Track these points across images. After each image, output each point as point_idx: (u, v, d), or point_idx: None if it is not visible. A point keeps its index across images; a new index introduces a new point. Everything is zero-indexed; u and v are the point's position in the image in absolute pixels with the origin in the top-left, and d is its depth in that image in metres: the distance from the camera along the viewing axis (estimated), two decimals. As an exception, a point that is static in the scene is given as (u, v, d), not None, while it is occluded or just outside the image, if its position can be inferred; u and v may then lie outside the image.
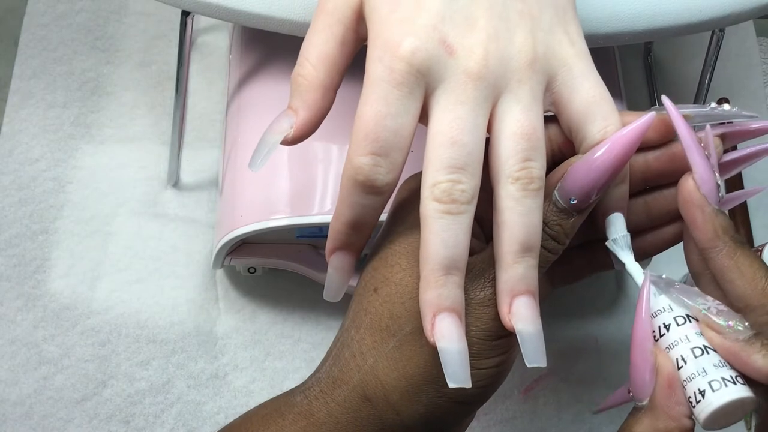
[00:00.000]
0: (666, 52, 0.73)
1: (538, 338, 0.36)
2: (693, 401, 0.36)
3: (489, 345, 0.37)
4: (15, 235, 0.64)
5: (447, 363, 0.35)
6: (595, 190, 0.37)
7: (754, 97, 0.73)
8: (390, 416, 0.38)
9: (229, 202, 0.57)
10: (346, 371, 0.39)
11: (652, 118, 0.37)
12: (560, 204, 0.38)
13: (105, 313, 0.62)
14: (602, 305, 0.65)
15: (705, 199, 0.37)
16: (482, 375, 0.38)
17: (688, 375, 0.36)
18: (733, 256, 0.37)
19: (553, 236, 0.38)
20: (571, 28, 0.39)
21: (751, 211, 0.69)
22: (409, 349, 0.37)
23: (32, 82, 0.70)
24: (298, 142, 0.40)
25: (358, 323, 0.39)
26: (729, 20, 0.52)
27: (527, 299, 0.36)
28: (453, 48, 0.36)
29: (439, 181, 0.36)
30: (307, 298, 0.64)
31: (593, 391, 0.62)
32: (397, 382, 0.37)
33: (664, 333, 0.37)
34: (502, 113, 0.37)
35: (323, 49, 0.39)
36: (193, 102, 0.69)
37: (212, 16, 0.52)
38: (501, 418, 0.60)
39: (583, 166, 0.37)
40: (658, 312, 0.38)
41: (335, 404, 0.38)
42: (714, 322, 0.36)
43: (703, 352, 0.36)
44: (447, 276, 0.36)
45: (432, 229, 0.36)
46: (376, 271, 0.39)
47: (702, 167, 0.38)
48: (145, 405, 0.60)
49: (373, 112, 0.36)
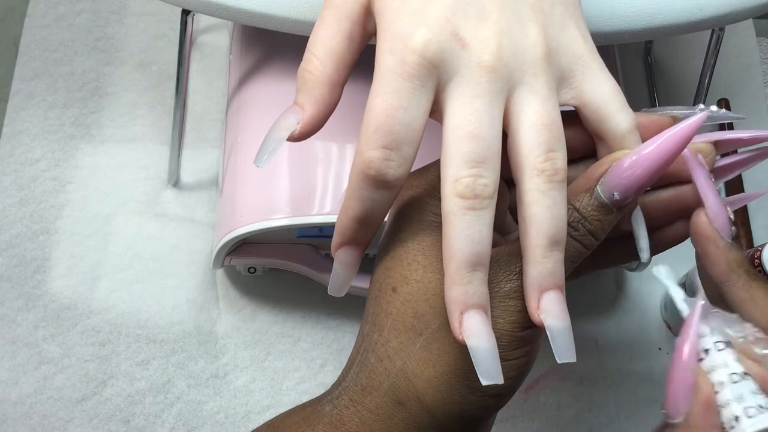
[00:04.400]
0: (666, 52, 0.73)
1: (567, 333, 0.36)
2: (726, 426, 0.37)
3: (517, 336, 0.37)
4: (16, 236, 0.64)
5: (478, 360, 0.35)
6: (641, 187, 0.37)
7: (754, 97, 0.73)
8: (425, 419, 0.37)
9: (230, 202, 0.57)
10: (374, 377, 0.38)
11: (704, 117, 0.37)
12: (602, 199, 0.37)
13: (105, 313, 0.62)
14: (602, 305, 0.65)
15: (718, 233, 0.38)
16: (512, 366, 0.37)
17: (725, 400, 0.37)
18: (748, 289, 0.38)
19: (592, 232, 0.38)
20: (581, 24, 0.39)
21: (751, 213, 0.69)
22: (437, 347, 0.37)
23: (33, 83, 0.70)
24: (304, 138, 0.40)
25: (381, 326, 0.38)
26: (729, 19, 0.52)
27: (556, 294, 0.36)
28: (466, 41, 0.36)
29: (462, 177, 0.35)
30: (308, 298, 0.63)
31: (593, 390, 0.62)
32: (429, 382, 0.37)
33: (702, 357, 0.38)
34: (519, 105, 0.37)
35: (330, 44, 0.39)
36: (193, 102, 0.69)
37: (212, 14, 0.52)
38: (502, 416, 0.60)
39: (631, 162, 0.36)
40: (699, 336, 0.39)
41: (367, 412, 0.38)
42: (751, 350, 0.37)
43: (741, 379, 0.37)
44: (473, 273, 0.35)
45: (457, 226, 0.35)
46: (391, 270, 0.39)
47: (714, 202, 0.38)
48: (146, 405, 0.60)
49: (384, 105, 0.36)
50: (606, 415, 0.61)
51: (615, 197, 0.37)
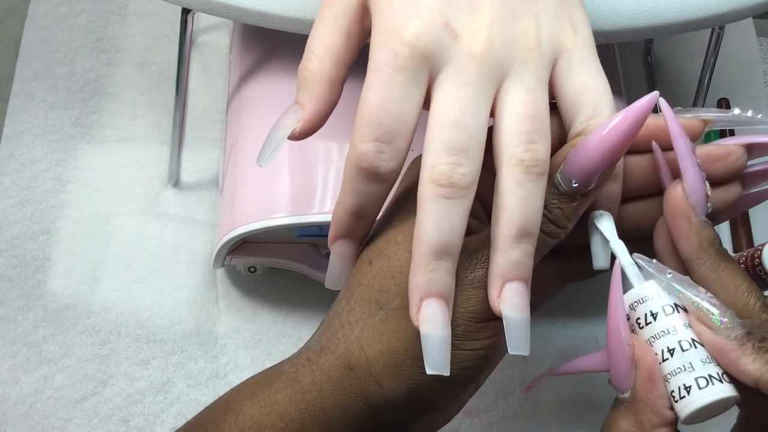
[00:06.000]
0: (666, 52, 0.73)
1: (524, 326, 0.36)
2: (676, 396, 0.35)
3: (475, 327, 0.37)
4: (16, 236, 0.64)
5: (427, 349, 0.35)
6: (596, 173, 0.36)
7: (754, 97, 0.73)
8: (372, 387, 0.38)
9: (230, 201, 0.57)
10: (333, 340, 0.38)
11: (655, 97, 0.36)
12: (562, 187, 0.37)
13: (105, 313, 0.62)
14: (602, 305, 0.64)
15: (693, 209, 0.37)
16: (467, 356, 0.37)
17: (674, 369, 0.35)
18: (716, 269, 0.37)
19: (553, 220, 0.37)
20: (576, 16, 0.39)
21: (751, 211, 0.69)
22: (394, 324, 0.37)
23: (33, 83, 0.70)
24: (306, 137, 0.40)
25: (350, 294, 0.39)
26: (729, 17, 0.52)
27: (519, 286, 0.36)
28: (457, 31, 0.36)
29: (439, 163, 0.35)
30: (308, 297, 0.63)
31: (593, 389, 0.62)
32: (380, 354, 0.37)
33: (650, 321, 0.36)
34: (505, 95, 0.37)
35: (329, 42, 0.39)
36: (194, 102, 0.69)
37: (213, 13, 0.52)
38: (502, 415, 0.60)
39: (584, 147, 0.36)
40: (644, 299, 0.37)
41: (320, 372, 0.38)
42: (707, 317, 0.35)
43: (691, 346, 0.35)
44: (438, 261, 0.35)
45: (427, 212, 0.35)
46: (371, 244, 0.39)
47: (693, 176, 0.37)
48: (145, 404, 0.60)
49: (377, 98, 0.36)
50: (606, 414, 0.61)
51: (574, 184, 0.36)
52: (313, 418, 0.38)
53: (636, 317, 0.37)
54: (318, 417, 0.38)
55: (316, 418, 0.38)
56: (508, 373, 0.61)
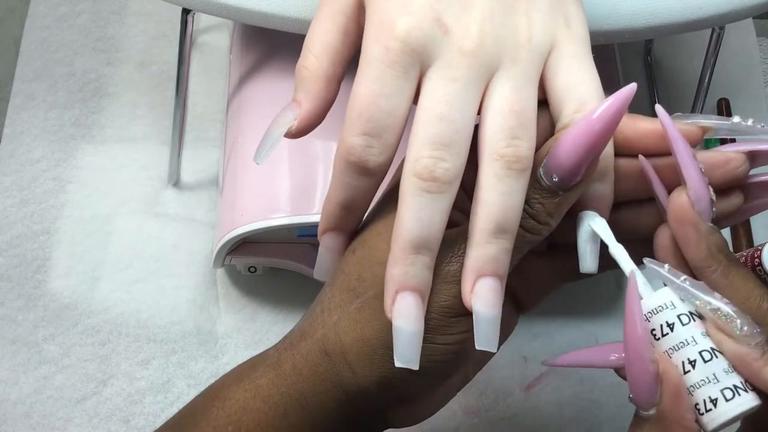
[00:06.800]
0: (666, 52, 0.73)
1: (493, 323, 0.35)
2: (702, 409, 0.34)
3: (447, 321, 0.37)
4: (16, 236, 0.64)
5: (398, 342, 0.35)
6: (577, 167, 0.35)
7: (754, 97, 0.73)
8: (346, 374, 0.38)
9: (230, 201, 0.57)
10: (313, 325, 0.39)
11: (633, 88, 0.35)
12: (544, 182, 0.36)
13: (105, 313, 0.62)
14: (602, 305, 0.65)
15: (700, 217, 0.36)
16: (439, 350, 0.37)
17: (697, 381, 0.34)
18: (727, 276, 0.36)
19: (533, 215, 0.37)
20: (570, 12, 0.39)
21: (752, 211, 0.69)
22: (369, 313, 0.37)
23: (34, 83, 0.70)
24: (303, 134, 0.40)
25: (333, 281, 0.39)
26: (729, 17, 0.52)
27: (492, 282, 0.36)
28: (448, 27, 0.36)
29: (422, 156, 0.35)
30: (308, 297, 0.62)
31: (594, 389, 0.62)
32: (354, 342, 0.37)
33: (667, 333, 0.35)
34: (492, 91, 0.36)
35: (325, 40, 0.39)
36: (193, 102, 0.69)
37: (213, 13, 0.52)
38: (503, 415, 0.60)
39: (563, 141, 0.35)
40: (659, 309, 0.35)
41: (300, 356, 0.39)
42: (727, 325, 0.34)
43: (712, 356, 0.34)
44: (416, 255, 0.35)
45: (408, 206, 0.35)
46: (358, 234, 0.40)
47: (698, 182, 0.36)
48: (146, 404, 0.60)
49: (367, 92, 0.36)
50: (607, 415, 0.61)
51: (554, 179, 0.36)
52: (294, 402, 0.38)
53: (651, 329, 0.36)
54: (299, 401, 0.38)
55: (297, 402, 0.38)
56: (508, 373, 0.61)
